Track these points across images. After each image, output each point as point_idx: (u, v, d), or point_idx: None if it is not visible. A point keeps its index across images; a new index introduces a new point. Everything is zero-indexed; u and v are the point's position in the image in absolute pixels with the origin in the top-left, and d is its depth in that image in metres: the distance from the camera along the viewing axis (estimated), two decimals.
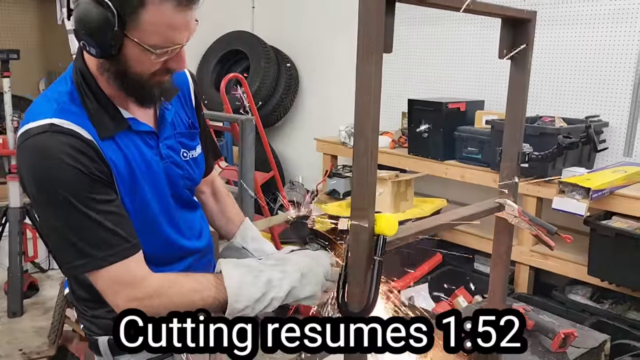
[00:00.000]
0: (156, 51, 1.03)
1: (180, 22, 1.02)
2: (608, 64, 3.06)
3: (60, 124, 1.03)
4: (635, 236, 2.44)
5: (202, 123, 1.39)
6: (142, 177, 1.13)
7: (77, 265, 1.07)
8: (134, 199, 1.13)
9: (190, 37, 1.07)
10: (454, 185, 3.50)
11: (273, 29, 5.08)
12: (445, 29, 3.77)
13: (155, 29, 1.01)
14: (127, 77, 1.07)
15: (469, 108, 3.35)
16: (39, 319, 3.35)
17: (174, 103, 1.26)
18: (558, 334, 1.96)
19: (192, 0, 1.03)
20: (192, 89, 1.33)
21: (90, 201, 1.03)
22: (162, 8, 0.99)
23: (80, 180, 1.02)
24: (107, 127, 1.08)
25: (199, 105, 1.36)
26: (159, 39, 1.02)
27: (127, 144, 1.12)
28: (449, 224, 1.27)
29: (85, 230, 1.03)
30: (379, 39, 0.95)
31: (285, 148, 5.18)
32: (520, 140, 1.43)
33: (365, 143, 1.00)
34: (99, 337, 1.23)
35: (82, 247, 1.04)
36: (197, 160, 1.30)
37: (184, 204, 1.27)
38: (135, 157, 1.13)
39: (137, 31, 1.00)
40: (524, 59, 1.37)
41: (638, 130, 2.97)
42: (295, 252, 1.23)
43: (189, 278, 1.13)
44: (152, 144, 1.18)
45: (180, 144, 1.24)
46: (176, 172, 1.22)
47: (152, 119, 1.20)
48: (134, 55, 1.04)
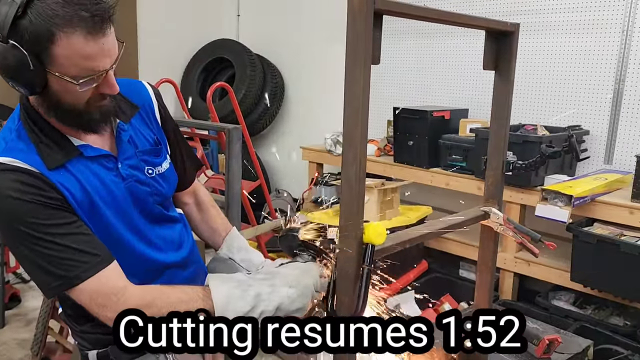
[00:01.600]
0: (79, 82, 1.04)
1: (95, 51, 1.02)
2: (588, 73, 3.12)
3: (4, 161, 1.07)
4: (616, 242, 2.49)
5: (174, 136, 1.39)
6: (100, 200, 1.15)
7: (54, 287, 1.09)
8: (94, 222, 1.15)
9: (114, 61, 1.07)
10: (439, 193, 3.53)
11: (258, 37, 5.10)
12: (429, 39, 3.81)
13: (71, 62, 1.02)
14: (61, 108, 1.09)
15: (454, 116, 3.40)
16: (21, 330, 3.30)
17: (135, 122, 1.27)
18: (543, 340, 1.99)
19: (102, 28, 1.02)
20: (155, 105, 1.33)
21: (47, 227, 1.06)
22: (72, 41, 1.00)
23: (31, 210, 1.05)
24: (55, 157, 1.11)
25: (165, 119, 1.36)
26: (77, 70, 1.03)
27: (81, 170, 1.14)
28: (436, 232, 1.29)
29: (51, 255, 1.06)
30: (367, 51, 0.97)
31: (271, 156, 5.19)
32: (505, 150, 1.45)
33: (354, 152, 1.01)
34: (89, 352, 1.25)
35: (53, 270, 1.07)
36: (164, 175, 1.30)
37: (156, 220, 1.28)
38: (92, 181, 1.15)
39: (55, 66, 1.02)
40: (508, 70, 1.39)
41: (618, 138, 3.03)
42: (285, 265, 1.23)
43: (175, 289, 1.14)
44: (110, 167, 1.19)
45: (144, 162, 1.25)
46: (141, 189, 1.23)
47: (109, 142, 1.22)
48: (61, 88, 1.06)
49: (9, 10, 0.98)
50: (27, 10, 0.98)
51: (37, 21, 0.98)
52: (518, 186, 2.83)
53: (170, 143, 1.37)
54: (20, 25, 0.98)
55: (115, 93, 1.13)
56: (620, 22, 2.96)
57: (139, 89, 1.32)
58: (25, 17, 0.98)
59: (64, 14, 0.98)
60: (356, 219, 1.05)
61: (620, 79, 2.98)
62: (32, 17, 0.98)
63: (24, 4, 0.97)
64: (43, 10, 0.98)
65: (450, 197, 3.48)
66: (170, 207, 1.35)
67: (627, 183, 2.77)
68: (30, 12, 0.98)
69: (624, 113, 2.99)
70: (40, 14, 0.98)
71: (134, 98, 1.28)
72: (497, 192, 1.48)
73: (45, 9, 0.98)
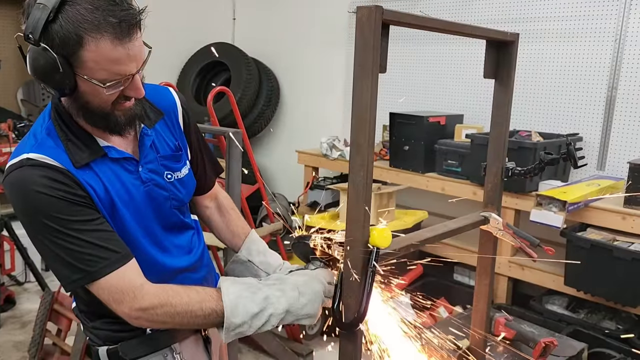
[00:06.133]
0: (106, 85, 1.08)
1: (122, 55, 1.06)
2: (581, 81, 3.17)
3: (34, 157, 1.10)
4: (609, 247, 2.53)
5: (197, 141, 1.42)
6: (120, 201, 1.18)
7: (75, 280, 1.12)
8: (114, 222, 1.18)
9: (141, 65, 1.11)
10: (435, 198, 3.56)
11: (254, 40, 5.12)
12: (425, 46, 3.86)
13: (99, 66, 1.05)
14: (89, 110, 1.13)
15: (449, 122, 3.44)
16: (17, 332, 3.29)
17: (159, 127, 1.30)
18: (539, 343, 2.03)
19: (128, 33, 1.05)
20: (179, 111, 1.37)
21: (71, 223, 1.09)
22: (100, 45, 1.03)
23: (57, 205, 1.08)
24: (82, 156, 1.14)
25: (189, 125, 1.39)
26: (105, 73, 1.06)
27: (104, 171, 1.17)
28: (439, 236, 1.31)
29: (73, 249, 1.09)
30: (375, 61, 1.00)
31: (266, 160, 5.21)
32: (504, 156, 1.49)
33: (361, 158, 1.04)
34: (99, 348, 1.28)
35: (74, 264, 1.10)
36: (183, 181, 1.33)
37: (171, 227, 1.31)
38: (113, 183, 1.18)
39: (84, 69, 1.05)
40: (508, 78, 1.43)
41: (610, 145, 3.08)
42: (294, 272, 1.26)
43: (189, 289, 1.16)
44: (132, 169, 1.22)
45: (164, 167, 1.28)
46: (160, 193, 1.26)
47: (132, 145, 1.25)
48: (89, 91, 1.09)
49: (41, 15, 1.01)
50: (59, 15, 1.01)
51: (67, 26, 1.01)
52: (513, 191, 2.87)
53: (193, 148, 1.40)
54: (51, 29, 1.01)
55: (140, 97, 1.16)
56: (613, 31, 3.02)
57: (165, 95, 1.35)
58: (57, 21, 1.01)
59: (92, 19, 1.01)
60: (362, 223, 1.07)
61: (613, 86, 3.03)
62: (63, 21, 1.01)
63: (56, 9, 1.00)
64: (73, 15, 1.01)
65: (445, 202, 3.51)
66: (187, 213, 1.38)
67: (619, 189, 2.82)
68: (61, 17, 1.01)
69: (617, 120, 3.05)
70: (70, 18, 1.01)
71: (160, 103, 1.31)
72: (497, 197, 1.51)
73: (75, 14, 1.01)
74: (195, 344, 1.36)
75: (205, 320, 1.14)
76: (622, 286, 2.51)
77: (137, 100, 1.18)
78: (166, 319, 1.12)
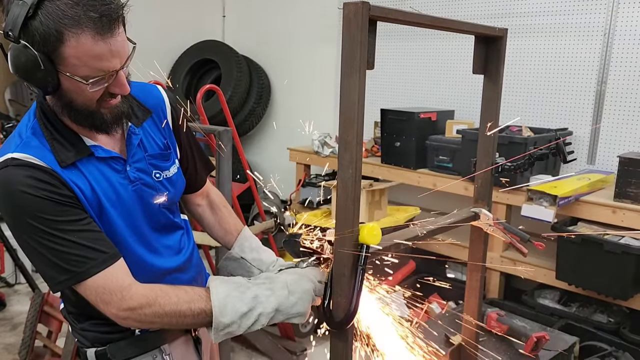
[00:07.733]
0: (89, 82, 1.05)
1: (104, 51, 1.03)
2: (571, 75, 3.18)
3: (19, 157, 1.08)
4: (600, 241, 2.54)
5: (186, 140, 1.40)
6: (108, 202, 1.17)
7: (61, 281, 1.10)
8: (101, 223, 1.16)
9: (125, 61, 1.09)
10: (427, 194, 3.56)
11: (244, 38, 5.09)
12: (415, 42, 3.85)
13: (81, 62, 1.03)
14: (74, 108, 1.11)
15: (440, 118, 3.44)
16: (7, 334, 3.26)
17: (147, 126, 1.29)
18: (531, 338, 2.03)
19: (110, 28, 1.02)
20: (168, 110, 1.35)
21: (57, 223, 1.07)
22: (80, 41, 1.01)
23: (42, 206, 1.06)
24: (67, 155, 1.12)
25: (177, 124, 1.37)
26: (87, 70, 1.04)
27: (91, 171, 1.15)
28: (430, 232, 1.31)
29: (60, 250, 1.08)
30: (362, 58, 0.99)
31: (257, 157, 5.19)
32: (494, 152, 1.48)
33: (350, 156, 1.03)
34: (87, 349, 1.26)
35: (61, 265, 1.08)
36: (171, 180, 1.31)
37: (160, 227, 1.30)
38: (100, 182, 1.16)
39: (66, 66, 1.03)
40: (497, 73, 1.42)
41: (600, 139, 3.10)
42: (284, 271, 1.25)
43: (178, 289, 1.15)
44: (119, 169, 1.20)
45: (152, 166, 1.26)
46: (148, 192, 1.25)
47: (120, 144, 1.23)
48: (72, 88, 1.07)
49: (20, 12, 0.99)
50: (38, 11, 0.99)
51: (47, 22, 0.99)
52: (504, 187, 2.88)
53: (182, 146, 1.38)
54: (31, 26, 0.99)
55: (126, 93, 1.14)
56: (602, 25, 3.03)
57: (153, 93, 1.33)
58: (36, 17, 0.99)
59: (72, 15, 0.99)
60: (352, 220, 1.06)
61: (602, 80, 3.04)
62: (42, 17, 0.99)
63: (35, 5, 0.98)
64: (53, 11, 0.99)
65: (437, 198, 3.51)
66: (176, 213, 1.36)
67: (609, 183, 2.83)
68: (40, 13, 0.99)
69: (606, 114, 3.06)
70: (50, 14, 0.99)
71: (148, 102, 1.29)
72: (487, 193, 1.51)
73: (55, 10, 0.99)
74: (186, 345, 1.35)
75: (194, 320, 1.13)
76: (613, 279, 2.52)
77: (123, 98, 1.16)
78: (154, 319, 1.11)
